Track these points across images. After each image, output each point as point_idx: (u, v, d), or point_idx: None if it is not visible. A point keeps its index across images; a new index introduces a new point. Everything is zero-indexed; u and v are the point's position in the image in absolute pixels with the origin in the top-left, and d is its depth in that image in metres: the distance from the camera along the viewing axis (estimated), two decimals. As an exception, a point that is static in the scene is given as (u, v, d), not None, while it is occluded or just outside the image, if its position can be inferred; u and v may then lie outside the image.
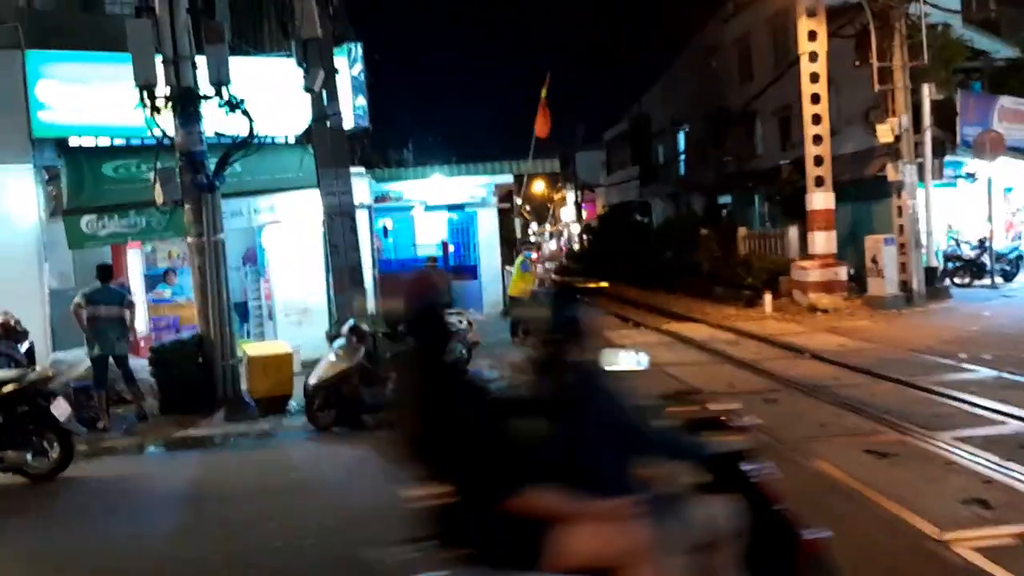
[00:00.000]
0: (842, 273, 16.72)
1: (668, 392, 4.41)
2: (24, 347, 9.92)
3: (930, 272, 16.39)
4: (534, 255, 12.73)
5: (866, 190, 18.86)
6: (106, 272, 9.68)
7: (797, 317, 15.75)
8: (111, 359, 9.41)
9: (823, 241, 16.82)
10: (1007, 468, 5.97)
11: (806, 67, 16.76)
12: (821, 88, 16.75)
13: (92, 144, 11.45)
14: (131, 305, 9.75)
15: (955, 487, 5.70)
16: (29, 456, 7.38)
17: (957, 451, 6.51)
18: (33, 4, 11.31)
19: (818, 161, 16.89)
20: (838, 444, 7.01)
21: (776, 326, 14.99)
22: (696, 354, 12.74)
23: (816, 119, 16.82)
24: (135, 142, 11.08)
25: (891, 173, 16.28)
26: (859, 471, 6.16)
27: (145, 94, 9.07)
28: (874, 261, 15.86)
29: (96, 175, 11.05)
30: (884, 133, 16.08)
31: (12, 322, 9.91)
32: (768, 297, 17.10)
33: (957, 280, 17.79)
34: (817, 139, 16.84)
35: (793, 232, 18.97)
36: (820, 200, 16.91)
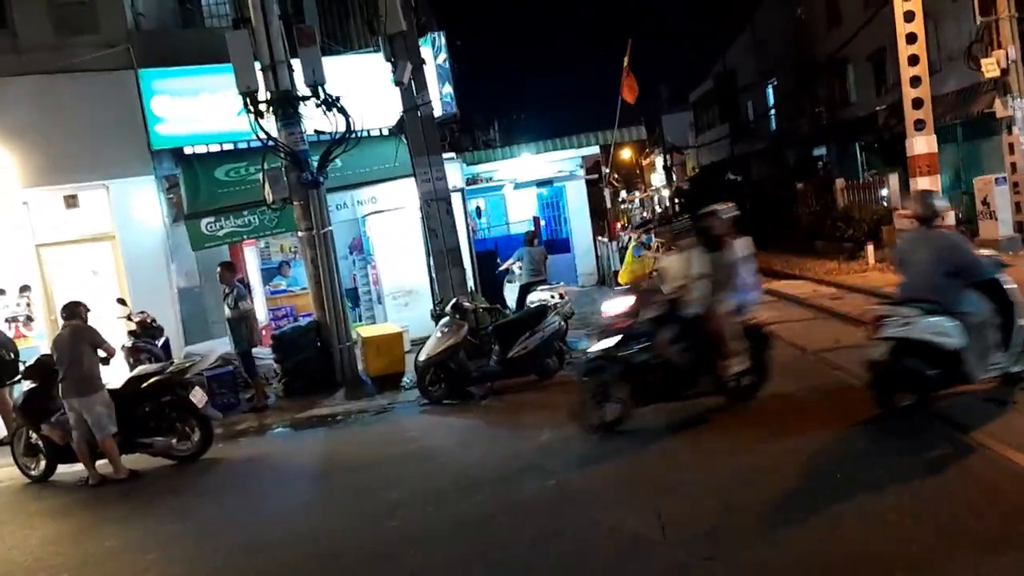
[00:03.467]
0: (950, 218, 15.97)
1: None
2: (160, 342, 10.86)
3: (1051, 210, 15.45)
4: (654, 239, 11.95)
5: (972, 129, 17.89)
6: (232, 268, 10.47)
7: (903, 267, 15.18)
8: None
9: (927, 186, 16.05)
10: None
11: (900, 5, 15.94)
12: (917, 27, 15.90)
13: (205, 151, 12.23)
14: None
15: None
16: (174, 441, 8.08)
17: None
18: (140, 25, 12.08)
19: (917, 104, 16.09)
20: (952, 394, 6.86)
21: (881, 278, 14.51)
22: (799, 311, 12.54)
23: (913, 60, 15.99)
24: (243, 146, 11.76)
25: (1000, 109, 15.39)
26: (978, 420, 6.03)
27: (248, 100, 9.64)
28: (985, 203, 15.10)
29: (210, 180, 11.82)
30: (990, 67, 15.19)
31: (149, 320, 10.87)
32: (871, 248, 16.54)
33: (1080, 217, 16.67)
34: (915, 81, 16.02)
35: (894, 180, 18.19)
36: (922, 144, 16.12)
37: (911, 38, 16.00)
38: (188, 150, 12.16)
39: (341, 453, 8.15)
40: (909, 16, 15.95)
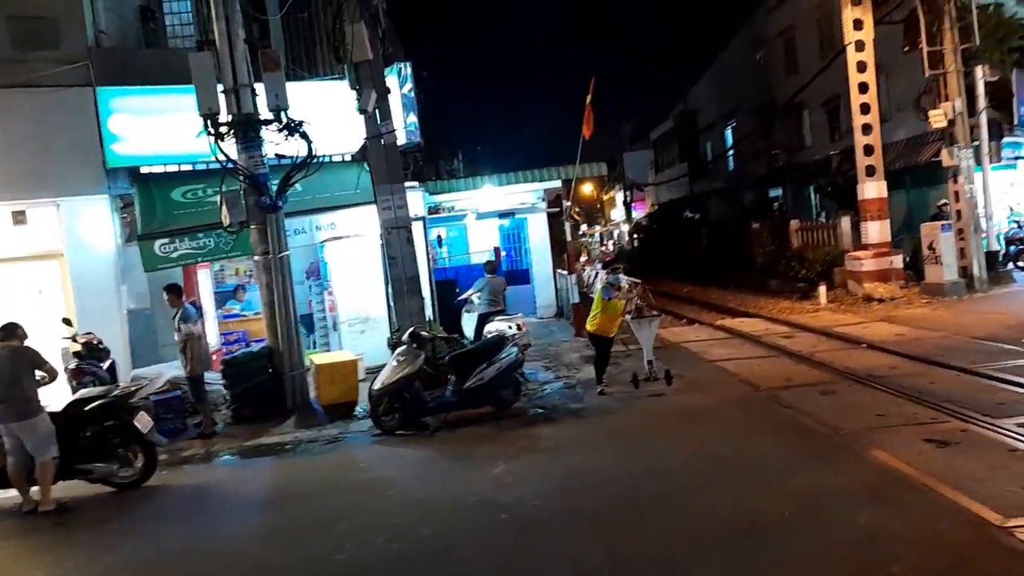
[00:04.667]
0: (897, 262, 16.49)
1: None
2: (106, 365, 10.54)
3: (991, 256, 16.01)
4: (624, 279, 10.97)
5: (920, 176, 18.55)
6: (179, 291, 10.25)
7: (853, 308, 15.58)
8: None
9: (877, 230, 16.61)
10: (1073, 454, 5.93)
11: (853, 56, 16.59)
12: (869, 77, 16.56)
13: (162, 171, 12.03)
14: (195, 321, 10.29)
15: (1018, 474, 5.69)
16: (116, 467, 7.80)
17: (1021, 438, 6.47)
18: (101, 43, 11.91)
19: (868, 150, 16.69)
20: (897, 434, 7.02)
21: (832, 317, 14.86)
22: (752, 349, 12.74)
23: (865, 108, 16.63)
24: (201, 167, 11.60)
25: (946, 158, 15.99)
26: (919, 460, 6.19)
27: (209, 122, 9.55)
28: (931, 248, 15.59)
29: (166, 201, 11.61)
30: (937, 118, 15.80)
31: (95, 342, 10.55)
32: (823, 289, 16.94)
33: (1021, 264, 17.31)
34: (867, 128, 16.64)
35: (846, 222, 18.72)
36: (872, 189, 16.71)
37: (863, 87, 16.65)
38: (145, 169, 11.94)
39: (289, 483, 7.96)
40: (861, 67, 16.63)
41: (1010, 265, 16.99)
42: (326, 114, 11.00)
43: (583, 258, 29.24)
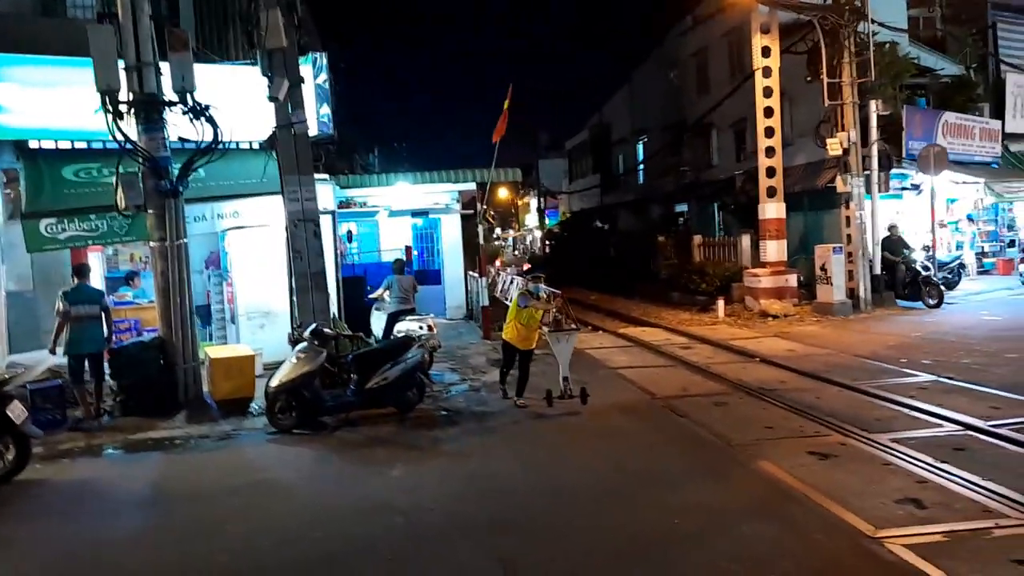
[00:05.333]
0: (792, 280, 17.28)
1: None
2: (-20, 350, 9.86)
3: (876, 280, 16.97)
4: (543, 289, 9.99)
5: (817, 200, 19.47)
6: (83, 271, 9.78)
7: (749, 322, 16.23)
8: (86, 358, 9.46)
9: (774, 249, 17.36)
10: (941, 469, 6.33)
11: (760, 82, 17.30)
12: (774, 102, 17.30)
13: (53, 147, 11.34)
14: (107, 307, 9.82)
15: (892, 487, 6.02)
16: (-17, 459, 7.31)
17: (895, 453, 6.88)
18: (-8, 6, 11.16)
19: (770, 172, 17.44)
20: (784, 446, 7.35)
21: (728, 331, 15.42)
22: (652, 358, 13.08)
23: (769, 132, 17.37)
24: (97, 146, 11.01)
25: (840, 185, 16.87)
26: (802, 472, 6.49)
27: (107, 99, 9.07)
28: (823, 269, 16.40)
29: (56, 178, 10.94)
30: (834, 146, 16.65)
31: (-32, 325, 9.85)
32: (721, 303, 17.57)
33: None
34: (770, 151, 17.39)
35: (746, 240, 19.49)
36: (772, 210, 17.46)
37: (768, 112, 17.39)
38: (34, 144, 11.23)
39: (176, 481, 7.61)
40: (767, 92, 17.36)
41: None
42: (235, 99, 10.60)
43: (498, 262, 29.21)
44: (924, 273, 16.54)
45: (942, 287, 16.54)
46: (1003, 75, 21.57)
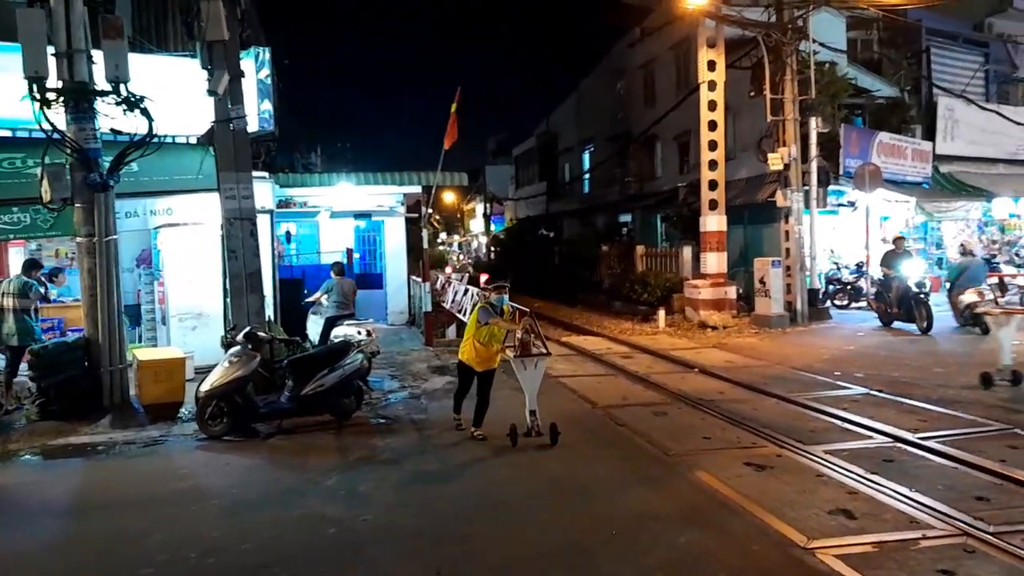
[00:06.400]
0: (732, 292, 17.57)
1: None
2: None
3: (813, 294, 17.38)
4: (507, 302, 8.74)
5: (757, 214, 19.88)
6: (30, 266, 9.89)
7: (688, 333, 16.43)
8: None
9: (715, 261, 17.64)
10: (871, 480, 6.45)
11: (705, 95, 17.58)
12: (718, 116, 17.60)
13: (-27, 135, 10.80)
14: (36, 297, 9.50)
15: (824, 498, 6.11)
16: None
17: (828, 464, 6.99)
18: (-89, -17, 10.55)
19: (712, 185, 17.72)
20: (721, 456, 7.40)
21: (668, 341, 15.58)
22: (593, 366, 13.10)
23: (712, 145, 17.66)
24: (23, 135, 10.52)
25: (780, 199, 17.24)
26: (738, 482, 6.54)
27: (34, 86, 8.69)
28: (762, 282, 16.72)
29: (-24, 168, 10.44)
30: (775, 161, 17.01)
31: None
32: (662, 313, 17.76)
33: (837, 302, 18.93)
34: (712, 164, 17.67)
35: (687, 252, 19.76)
36: (713, 222, 17.74)
37: (712, 125, 17.67)
38: (-47, 132, 10.68)
39: (98, 489, 7.26)
40: (712, 105, 17.64)
41: (828, 302, 18.53)
42: (173, 92, 10.28)
43: (448, 269, 28.80)
44: (917, 291, 14.99)
45: (932, 308, 14.73)
46: (935, 98, 22.41)
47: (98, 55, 9.06)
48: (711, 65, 17.44)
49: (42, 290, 10.23)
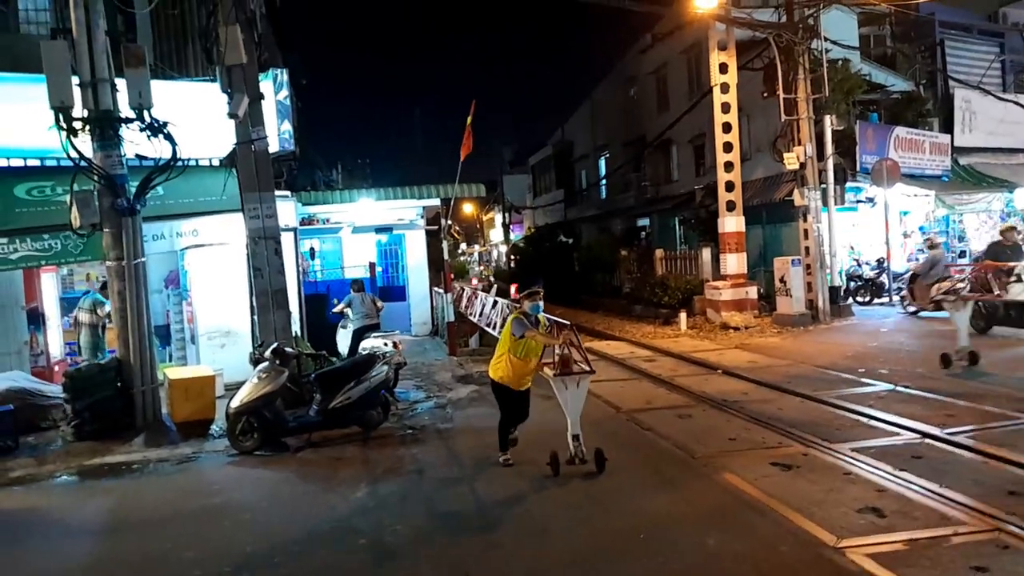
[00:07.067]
0: (752, 292, 17.52)
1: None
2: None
3: (834, 291, 17.29)
4: (542, 310, 7.71)
5: (775, 213, 19.82)
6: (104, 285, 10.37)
7: (710, 335, 16.40)
8: None
9: (734, 262, 17.60)
10: (900, 478, 6.42)
11: (718, 98, 17.59)
12: (732, 118, 17.60)
13: (5, 165, 11.08)
14: (103, 314, 9.88)
15: (852, 497, 6.09)
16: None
17: (855, 462, 6.97)
18: (-60, 21, 10.90)
19: (729, 187, 17.71)
20: (746, 457, 7.41)
21: (691, 343, 15.57)
22: (616, 371, 13.12)
23: (727, 147, 17.65)
24: (51, 163, 10.79)
25: (797, 198, 17.19)
26: (765, 483, 6.54)
27: (61, 116, 8.92)
28: (782, 281, 16.67)
29: (8, 197, 10.69)
30: (790, 161, 16.98)
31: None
32: (683, 316, 17.74)
33: (859, 299, 18.82)
34: (728, 166, 17.66)
35: (707, 253, 19.73)
36: (731, 223, 17.72)
37: (727, 127, 17.67)
38: (-16, 161, 10.97)
39: (133, 507, 7.40)
40: (726, 107, 17.64)
41: (850, 300, 18.44)
42: (194, 116, 10.47)
43: (474, 281, 28.58)
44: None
45: None
46: (951, 91, 22.24)
47: (121, 83, 9.28)
48: (723, 68, 17.45)
49: (108, 308, 10.51)
